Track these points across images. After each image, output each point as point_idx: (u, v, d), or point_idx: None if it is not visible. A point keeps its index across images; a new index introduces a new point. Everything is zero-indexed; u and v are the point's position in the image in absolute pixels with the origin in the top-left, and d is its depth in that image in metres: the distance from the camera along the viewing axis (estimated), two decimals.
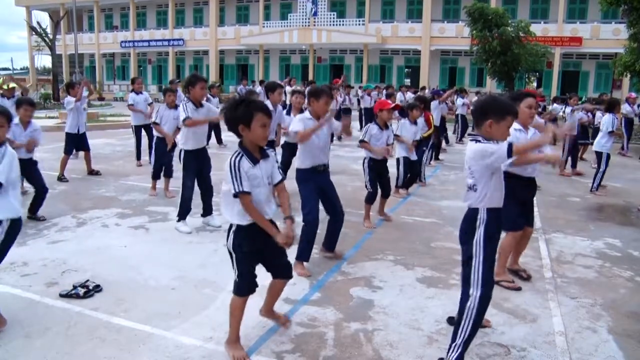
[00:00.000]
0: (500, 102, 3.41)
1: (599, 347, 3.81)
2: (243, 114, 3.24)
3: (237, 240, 3.39)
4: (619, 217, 7.90)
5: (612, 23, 30.18)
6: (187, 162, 6.24)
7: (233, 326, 3.53)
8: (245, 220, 3.35)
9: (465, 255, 3.44)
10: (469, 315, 3.30)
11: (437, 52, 35.88)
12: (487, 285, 3.36)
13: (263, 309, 3.90)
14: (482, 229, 3.35)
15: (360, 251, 5.68)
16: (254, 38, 39.62)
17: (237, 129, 3.28)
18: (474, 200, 3.38)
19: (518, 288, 4.83)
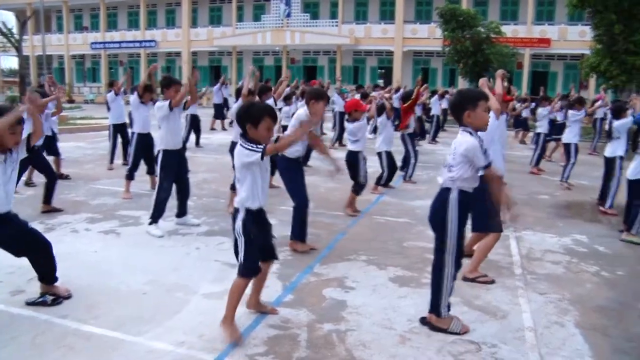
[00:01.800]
0: (467, 91, 3.88)
1: (567, 341, 3.90)
2: (254, 114, 3.61)
3: (247, 224, 3.69)
4: (586, 214, 8.08)
5: (579, 25, 30.75)
6: (166, 163, 6.25)
7: (231, 306, 3.77)
8: (256, 205, 3.72)
9: (438, 232, 3.81)
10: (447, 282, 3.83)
11: (410, 53, 36.15)
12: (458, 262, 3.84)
13: (251, 301, 4.11)
14: (455, 207, 3.72)
15: (333, 252, 5.70)
16: (227, 39, 39.40)
17: (245, 126, 3.63)
18: (447, 179, 3.75)
19: (492, 281, 5.00)
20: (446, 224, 3.76)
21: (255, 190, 3.70)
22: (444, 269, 3.84)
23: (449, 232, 3.77)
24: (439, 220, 3.81)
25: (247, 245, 3.71)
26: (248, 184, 3.69)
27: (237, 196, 3.80)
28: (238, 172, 3.74)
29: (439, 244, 3.84)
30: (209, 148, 13.84)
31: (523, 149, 15.90)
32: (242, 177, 3.71)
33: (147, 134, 8.24)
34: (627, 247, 6.35)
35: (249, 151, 3.58)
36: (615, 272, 5.47)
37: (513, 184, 9.66)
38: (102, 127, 17.48)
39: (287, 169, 5.61)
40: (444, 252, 3.81)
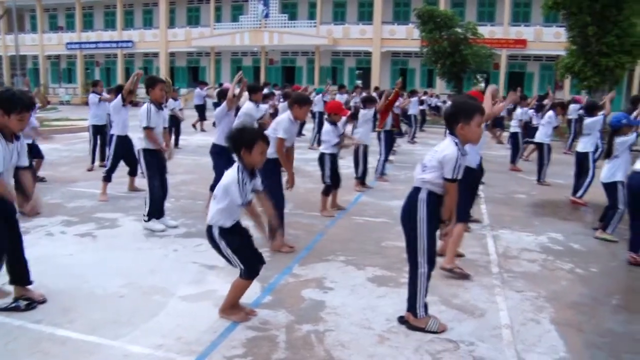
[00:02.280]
0: (463, 103, 3.83)
1: (542, 337, 3.96)
2: (247, 138, 3.70)
3: (226, 239, 3.83)
4: (562, 212, 8.20)
5: (554, 26, 31.18)
6: (150, 162, 6.38)
7: (232, 299, 4.00)
8: (229, 223, 3.83)
9: (409, 232, 3.86)
10: (421, 281, 3.85)
11: (388, 54, 36.30)
12: (431, 261, 3.86)
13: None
14: (424, 208, 3.77)
15: (312, 253, 5.70)
16: (205, 40, 39.15)
17: (240, 152, 3.71)
18: (419, 179, 3.82)
19: (468, 275, 5.10)
20: (416, 224, 3.80)
21: (231, 212, 3.81)
22: (417, 269, 3.87)
23: (419, 232, 3.80)
24: (410, 220, 3.85)
25: (237, 252, 3.84)
26: (225, 206, 3.78)
27: (210, 212, 3.85)
28: (218, 190, 3.81)
29: (410, 244, 3.89)
30: (187, 149, 13.75)
31: (500, 148, 16.08)
32: (220, 198, 3.79)
33: (125, 136, 8.32)
34: (600, 244, 6.45)
35: (239, 193, 3.68)
36: (589, 269, 5.56)
37: (491, 184, 9.79)
38: (79, 129, 17.26)
39: (267, 170, 5.57)
40: (416, 253, 3.85)
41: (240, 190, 3.68)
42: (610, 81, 19.94)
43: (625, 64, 19.48)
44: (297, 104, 5.73)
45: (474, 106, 3.79)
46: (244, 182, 3.70)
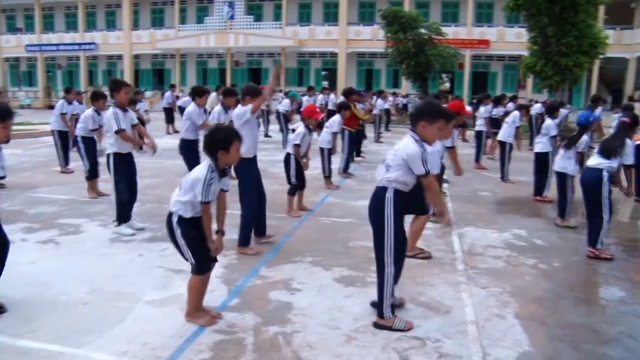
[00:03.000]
0: (433, 106, 3.95)
1: (507, 332, 4.03)
2: (224, 139, 3.76)
3: (183, 228, 3.84)
4: (525, 209, 8.37)
5: (516, 27, 31.83)
6: (118, 165, 6.36)
7: (192, 301, 4.01)
8: (189, 214, 3.83)
9: (376, 231, 3.91)
10: (388, 281, 3.91)
11: (354, 55, 36.50)
12: (398, 260, 3.95)
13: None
14: (391, 206, 3.84)
15: (279, 254, 5.69)
16: (170, 42, 38.71)
17: (216, 153, 3.75)
18: (385, 179, 3.87)
19: (430, 256, 5.59)
20: (384, 223, 3.86)
21: (193, 205, 3.83)
22: (384, 269, 3.92)
23: (386, 231, 3.86)
24: (377, 219, 3.91)
25: (190, 245, 3.86)
26: (189, 198, 3.82)
27: (172, 199, 3.91)
28: (187, 180, 3.86)
29: (377, 243, 3.94)
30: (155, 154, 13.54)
31: (464, 147, 16.29)
32: (187, 190, 3.84)
33: (91, 138, 8.50)
34: (562, 239, 6.61)
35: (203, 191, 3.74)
36: (551, 263, 5.69)
37: (456, 182, 9.92)
38: (40, 133, 16.86)
39: (241, 169, 5.70)
40: (383, 252, 3.90)
41: (204, 189, 3.73)
42: (570, 80, 20.46)
43: (584, 64, 20.02)
44: (249, 95, 5.82)
45: (441, 111, 3.95)
46: (211, 182, 3.75)
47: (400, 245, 3.99)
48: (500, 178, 10.66)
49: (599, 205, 5.82)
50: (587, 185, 5.95)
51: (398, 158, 3.84)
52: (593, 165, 5.88)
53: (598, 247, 5.91)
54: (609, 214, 5.84)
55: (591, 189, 5.88)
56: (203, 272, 3.96)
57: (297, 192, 7.53)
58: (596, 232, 5.89)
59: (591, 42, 19.54)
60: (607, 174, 5.80)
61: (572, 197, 7.12)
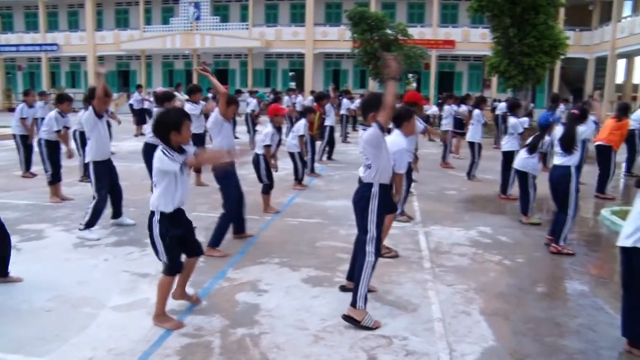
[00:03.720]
0: (378, 97, 4.15)
1: (472, 328, 4.10)
2: (175, 119, 3.83)
3: (163, 228, 3.88)
4: (490, 207, 8.51)
5: (480, 28, 32.32)
6: (100, 173, 6.43)
7: (161, 302, 4.02)
8: (170, 208, 3.89)
9: (361, 225, 4.15)
10: (367, 270, 4.06)
11: (321, 55, 36.56)
12: (378, 251, 4.13)
13: (176, 292, 4.26)
14: (376, 200, 4.07)
15: (246, 256, 5.67)
16: (135, 43, 38.10)
17: (169, 135, 3.81)
18: (368, 176, 4.10)
19: (396, 254, 5.66)
20: (368, 217, 4.08)
21: (170, 194, 3.88)
22: (365, 258, 4.09)
23: (370, 225, 4.08)
24: (363, 214, 4.13)
25: (166, 246, 3.91)
26: (163, 188, 3.87)
27: (152, 198, 3.95)
28: (155, 176, 3.91)
29: (361, 236, 4.17)
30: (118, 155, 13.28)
31: (431, 146, 16.50)
32: (159, 181, 3.89)
33: (55, 142, 8.36)
34: (526, 235, 6.74)
35: (170, 160, 3.79)
36: (515, 259, 5.80)
37: (423, 181, 10.05)
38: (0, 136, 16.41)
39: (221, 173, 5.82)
40: (365, 241, 4.09)
41: (171, 160, 3.79)
42: (533, 80, 20.86)
43: (546, 64, 20.42)
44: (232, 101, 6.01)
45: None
46: (172, 154, 3.82)
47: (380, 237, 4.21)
48: (467, 176, 10.80)
49: (566, 201, 5.98)
50: (555, 182, 6.10)
51: (367, 149, 4.08)
52: (560, 163, 6.03)
53: (561, 244, 6.05)
54: (574, 210, 6.00)
55: (559, 186, 6.03)
56: (174, 273, 4.02)
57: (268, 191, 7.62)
58: (560, 228, 6.03)
59: (552, 42, 19.95)
60: (575, 169, 5.98)
61: (534, 195, 7.29)
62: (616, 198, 9.31)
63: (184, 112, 4.05)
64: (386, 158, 4.14)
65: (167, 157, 3.79)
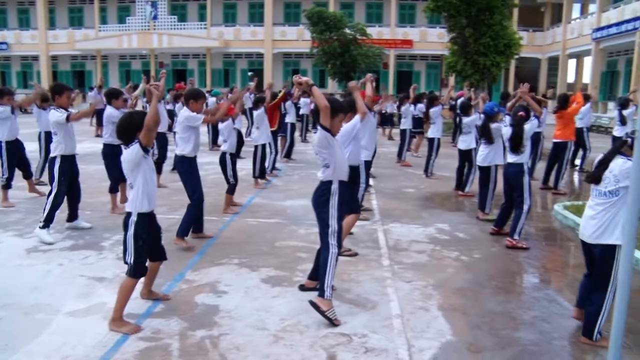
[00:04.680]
0: (333, 103, 4.28)
1: (430, 323, 4.17)
2: (139, 121, 3.92)
3: (139, 229, 3.97)
4: (448, 204, 8.66)
5: (437, 28, 32.85)
6: (65, 168, 6.34)
7: (121, 306, 4.00)
8: (145, 208, 4.01)
9: (322, 220, 4.26)
10: (332, 262, 4.20)
11: (280, 55, 36.52)
12: (340, 244, 4.29)
13: (144, 291, 4.43)
14: (336, 197, 4.22)
15: (205, 257, 5.61)
16: (90, 42, 37.26)
17: (134, 135, 3.92)
18: (327, 175, 4.24)
19: (355, 254, 5.74)
20: (329, 212, 4.22)
21: (146, 191, 4.01)
22: (329, 250, 4.22)
23: (331, 220, 4.22)
24: (323, 210, 4.26)
25: (137, 249, 3.98)
26: (140, 185, 3.99)
27: (130, 200, 4.05)
28: (129, 176, 4.01)
29: (323, 231, 4.27)
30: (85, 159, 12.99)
31: (391, 145, 16.66)
32: (134, 180, 4.00)
33: (15, 141, 8.14)
34: (483, 231, 6.88)
35: (137, 146, 3.90)
36: (472, 255, 5.92)
37: (382, 179, 10.14)
38: None
39: (185, 167, 6.03)
40: (327, 235, 4.24)
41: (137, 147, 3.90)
42: (489, 79, 21.31)
43: (501, 63, 20.91)
44: (192, 99, 6.02)
45: (340, 106, 4.41)
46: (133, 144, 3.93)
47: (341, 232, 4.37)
48: (425, 173, 10.96)
49: (521, 196, 6.22)
50: (509, 178, 6.38)
51: (320, 151, 4.20)
52: (513, 161, 6.27)
53: (516, 237, 6.22)
54: (529, 205, 6.24)
55: (514, 182, 6.30)
56: (138, 276, 4.04)
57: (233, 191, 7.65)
58: (515, 223, 6.23)
59: (506, 42, 20.45)
60: (527, 166, 6.29)
61: (493, 192, 7.47)
62: (567, 193, 9.60)
63: (144, 113, 4.11)
64: (340, 155, 4.27)
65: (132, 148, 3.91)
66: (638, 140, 2.57)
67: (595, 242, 3.86)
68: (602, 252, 3.84)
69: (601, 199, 3.83)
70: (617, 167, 3.73)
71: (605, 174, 3.80)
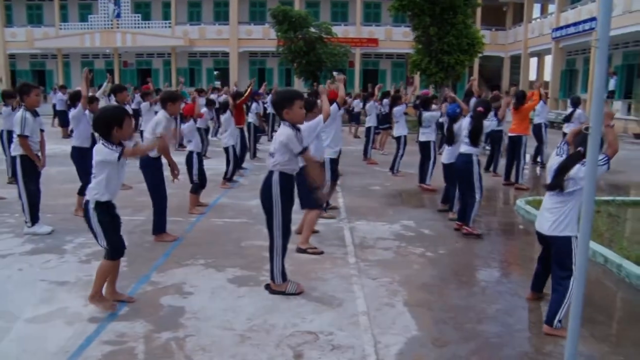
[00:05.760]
0: (284, 92, 4.64)
1: (396, 319, 4.21)
2: (118, 116, 4.04)
3: (100, 214, 4.07)
4: (413, 200, 8.76)
5: (402, 26, 33.11)
6: (27, 167, 6.33)
7: (98, 285, 4.19)
8: (105, 197, 4.09)
9: (266, 210, 4.46)
10: (277, 251, 4.48)
11: (246, 54, 36.30)
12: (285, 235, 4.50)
13: (107, 291, 4.33)
14: (277, 187, 4.37)
15: (170, 258, 5.54)
16: (50, 41, 36.36)
17: (112, 130, 4.00)
18: (271, 164, 4.41)
19: (321, 252, 5.80)
20: (272, 202, 4.40)
21: (107, 186, 4.07)
22: (274, 241, 4.47)
23: (274, 209, 4.40)
24: (266, 200, 4.45)
25: (105, 231, 4.10)
26: (102, 179, 4.05)
27: (88, 189, 4.13)
28: (95, 168, 4.07)
29: (268, 220, 4.47)
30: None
31: (357, 143, 16.74)
32: (98, 173, 4.06)
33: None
34: (447, 227, 6.97)
35: (109, 150, 3.98)
36: (437, 251, 6.00)
37: (348, 177, 10.19)
38: None
39: (151, 168, 6.05)
40: (272, 228, 4.45)
41: (110, 150, 3.99)
42: (453, 77, 21.63)
43: (464, 62, 21.24)
44: (170, 101, 6.12)
45: (293, 93, 4.57)
46: (111, 146, 4.01)
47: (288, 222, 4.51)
48: (391, 171, 11.07)
49: (472, 186, 6.45)
50: (460, 169, 6.60)
51: (277, 144, 4.39)
52: (464, 152, 6.54)
53: (471, 225, 6.51)
54: (480, 194, 6.49)
55: (464, 172, 6.52)
56: (116, 257, 4.21)
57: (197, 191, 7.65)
58: (469, 212, 6.49)
59: (469, 41, 20.78)
60: (476, 157, 6.50)
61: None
62: (530, 188, 9.81)
63: (123, 109, 4.31)
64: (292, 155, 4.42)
65: (107, 148, 3.98)
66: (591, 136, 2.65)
67: (552, 234, 4.03)
68: (561, 244, 4.00)
69: (559, 197, 4.00)
70: (574, 173, 3.88)
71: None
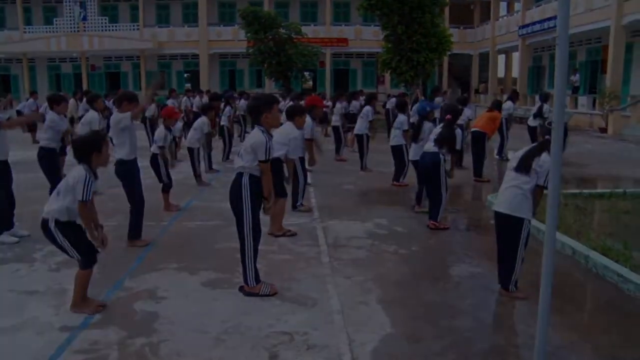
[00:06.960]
0: (262, 98, 4.71)
1: (371, 317, 4.25)
2: (97, 143, 4.16)
3: (61, 231, 4.08)
4: (385, 198, 8.82)
5: (372, 26, 33.27)
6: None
7: (78, 292, 4.23)
8: (65, 218, 4.09)
9: (236, 212, 4.49)
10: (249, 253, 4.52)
11: (216, 56, 36.07)
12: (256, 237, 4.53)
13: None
14: (247, 190, 4.43)
15: (143, 263, 5.48)
16: (14, 45, 35.58)
17: (91, 155, 4.11)
18: (240, 166, 4.47)
19: (295, 233, 6.31)
20: (242, 204, 4.43)
21: (69, 211, 4.09)
22: (245, 243, 4.49)
23: (245, 211, 4.42)
24: (235, 201, 4.48)
25: (74, 244, 4.12)
26: (66, 202, 4.07)
27: (47, 206, 4.11)
28: (62, 186, 4.12)
29: (238, 222, 4.50)
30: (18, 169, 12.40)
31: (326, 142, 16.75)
32: (64, 194, 4.08)
33: None
34: (420, 224, 7.03)
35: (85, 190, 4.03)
36: (410, 248, 6.06)
37: (319, 177, 10.20)
38: None
39: (126, 171, 5.99)
40: (242, 227, 4.46)
41: (85, 188, 4.03)
42: (423, 75, 21.81)
43: (434, 60, 21.47)
44: (127, 100, 6.07)
45: (271, 97, 4.72)
46: (90, 181, 4.06)
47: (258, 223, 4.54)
48: (360, 168, 11.26)
49: (438, 184, 6.67)
50: (427, 167, 6.75)
51: (247, 147, 4.45)
52: (431, 150, 6.70)
53: (439, 220, 6.75)
54: (446, 191, 6.73)
55: (431, 170, 6.69)
56: (91, 265, 4.23)
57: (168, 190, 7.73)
58: (437, 208, 6.71)
59: (438, 40, 21.00)
60: (442, 156, 6.70)
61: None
62: (491, 180, 10.01)
63: (102, 134, 4.41)
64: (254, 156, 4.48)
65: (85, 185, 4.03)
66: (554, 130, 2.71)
67: (507, 212, 4.46)
68: (513, 224, 4.45)
69: (519, 178, 4.41)
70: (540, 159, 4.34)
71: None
